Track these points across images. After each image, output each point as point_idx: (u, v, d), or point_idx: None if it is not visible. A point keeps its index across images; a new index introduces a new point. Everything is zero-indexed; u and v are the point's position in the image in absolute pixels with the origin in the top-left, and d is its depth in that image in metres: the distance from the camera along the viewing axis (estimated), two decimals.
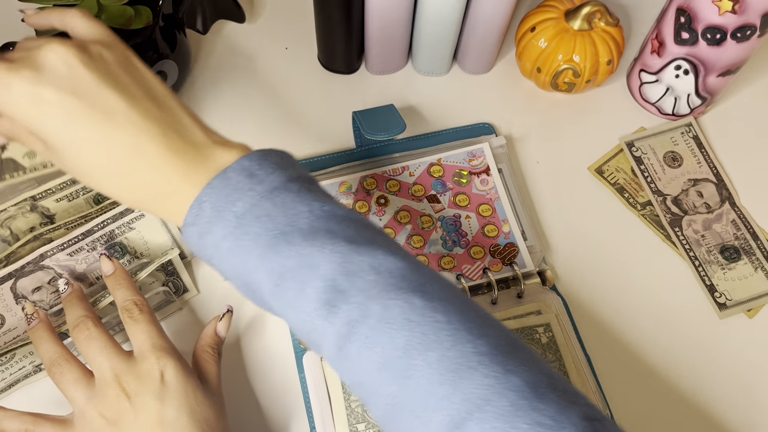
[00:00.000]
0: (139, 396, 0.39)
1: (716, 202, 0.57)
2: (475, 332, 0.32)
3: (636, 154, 0.59)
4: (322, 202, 0.34)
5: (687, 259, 0.55)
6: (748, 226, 0.56)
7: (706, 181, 0.58)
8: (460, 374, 0.30)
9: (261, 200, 0.33)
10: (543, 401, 0.30)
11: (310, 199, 0.34)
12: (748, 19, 0.51)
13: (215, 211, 0.33)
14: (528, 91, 0.64)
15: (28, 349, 0.47)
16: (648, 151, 0.59)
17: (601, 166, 0.59)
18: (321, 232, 0.33)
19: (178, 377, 0.40)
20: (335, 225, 0.33)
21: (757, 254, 0.55)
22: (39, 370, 0.48)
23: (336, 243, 0.33)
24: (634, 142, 0.60)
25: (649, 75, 0.60)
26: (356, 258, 0.32)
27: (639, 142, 0.60)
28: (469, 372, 0.30)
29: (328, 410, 0.47)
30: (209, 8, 0.61)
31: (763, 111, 0.64)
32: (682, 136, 0.61)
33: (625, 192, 0.58)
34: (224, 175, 0.34)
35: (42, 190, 0.50)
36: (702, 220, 0.56)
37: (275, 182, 0.34)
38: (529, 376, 0.31)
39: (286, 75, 0.65)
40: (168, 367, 0.40)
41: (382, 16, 0.57)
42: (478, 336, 0.31)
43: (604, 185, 0.59)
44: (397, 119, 0.56)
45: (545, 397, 0.30)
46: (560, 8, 0.59)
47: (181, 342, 0.51)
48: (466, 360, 0.31)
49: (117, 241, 0.49)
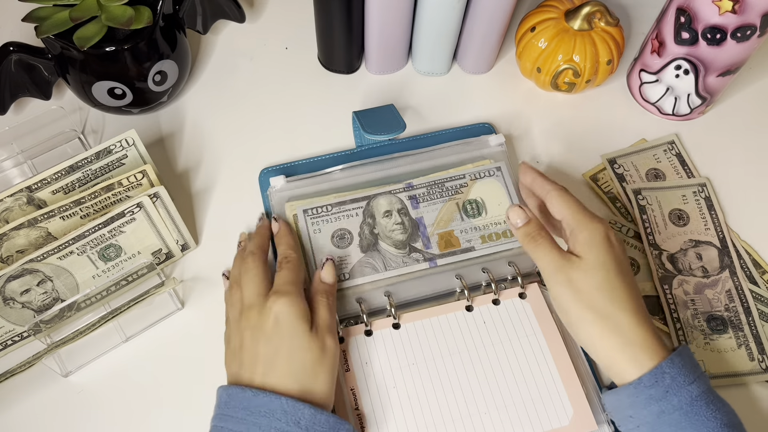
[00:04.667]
0: (256, 329, 0.44)
1: (715, 268, 0.54)
2: None
3: (618, 171, 0.58)
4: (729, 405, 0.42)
5: (669, 317, 0.52)
6: (742, 299, 0.53)
7: (709, 245, 0.55)
8: None
9: (710, 389, 0.41)
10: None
11: (726, 402, 0.42)
12: (748, 19, 0.51)
13: (675, 384, 0.40)
14: (528, 91, 0.64)
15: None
16: (630, 168, 0.59)
17: (596, 174, 0.59)
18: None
19: (288, 319, 0.44)
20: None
21: (744, 330, 0.51)
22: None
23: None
24: (617, 159, 0.59)
25: (649, 75, 0.60)
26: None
27: (621, 159, 0.59)
28: None
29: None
30: (209, 8, 0.61)
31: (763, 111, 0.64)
32: (665, 153, 0.60)
33: (617, 202, 0.58)
34: (681, 354, 0.42)
35: (37, 180, 0.50)
36: (695, 283, 0.53)
37: (706, 384, 0.41)
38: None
39: (286, 75, 0.65)
40: (282, 311, 0.44)
41: (382, 16, 0.57)
42: None
43: (598, 193, 0.58)
44: (397, 119, 0.56)
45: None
46: (560, 8, 0.59)
47: (181, 346, 0.51)
48: None
49: (110, 243, 0.49)
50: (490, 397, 0.47)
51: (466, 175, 0.52)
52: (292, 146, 0.60)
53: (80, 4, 0.51)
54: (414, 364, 0.48)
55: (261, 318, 0.44)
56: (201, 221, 0.56)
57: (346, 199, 0.52)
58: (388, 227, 0.52)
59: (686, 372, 0.41)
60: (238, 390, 0.42)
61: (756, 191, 0.59)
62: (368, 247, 0.51)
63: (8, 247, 0.48)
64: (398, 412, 0.47)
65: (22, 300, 0.48)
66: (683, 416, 0.40)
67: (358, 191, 0.53)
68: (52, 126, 0.58)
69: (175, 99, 0.62)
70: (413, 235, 0.51)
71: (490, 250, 0.52)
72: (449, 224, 0.52)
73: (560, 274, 0.44)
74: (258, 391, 0.41)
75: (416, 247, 0.51)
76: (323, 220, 0.52)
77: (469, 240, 0.52)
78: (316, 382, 0.43)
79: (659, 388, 0.40)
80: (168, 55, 0.56)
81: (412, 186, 0.53)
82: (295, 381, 0.42)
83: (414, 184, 0.53)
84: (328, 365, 0.44)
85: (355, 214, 0.52)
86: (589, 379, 0.49)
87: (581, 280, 0.43)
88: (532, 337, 0.50)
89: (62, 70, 0.55)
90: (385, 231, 0.52)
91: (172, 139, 0.60)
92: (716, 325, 0.52)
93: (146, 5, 0.53)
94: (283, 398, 0.41)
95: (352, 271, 0.50)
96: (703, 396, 0.40)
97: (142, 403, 0.49)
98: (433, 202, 0.52)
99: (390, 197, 0.52)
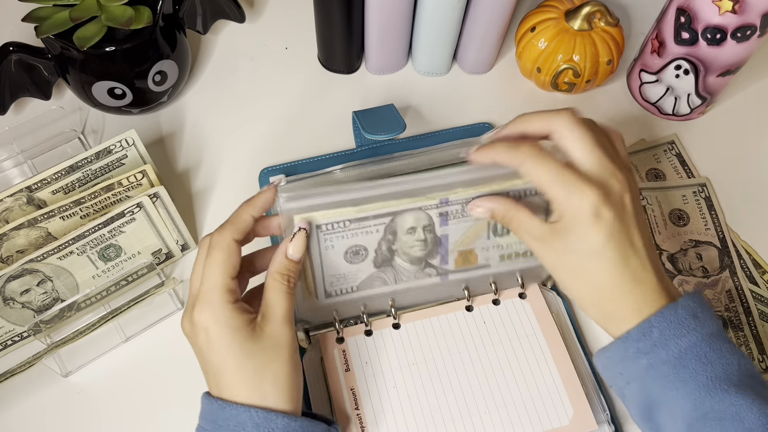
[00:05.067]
0: (192, 341, 0.40)
1: (715, 268, 0.54)
2: None
3: None
4: (743, 357, 0.39)
5: None
6: (743, 300, 0.52)
7: (709, 245, 0.55)
8: None
9: (701, 342, 0.38)
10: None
11: (737, 353, 0.39)
12: (748, 19, 0.51)
13: (663, 337, 0.38)
14: (528, 91, 0.64)
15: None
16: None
17: None
18: (748, 389, 0.37)
19: (218, 335, 0.38)
20: (757, 384, 0.38)
21: (744, 330, 0.51)
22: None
23: (762, 404, 0.36)
24: None
25: (649, 75, 0.60)
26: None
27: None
28: None
29: (328, 411, 0.47)
30: (209, 8, 0.61)
31: (763, 111, 0.64)
32: (665, 153, 0.60)
33: None
34: (674, 308, 0.38)
35: (37, 180, 0.50)
36: (695, 282, 0.53)
37: (713, 328, 0.39)
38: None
39: (286, 75, 0.65)
40: (209, 327, 0.39)
41: (382, 16, 0.57)
42: None
43: None
44: (397, 119, 0.56)
45: None
46: (560, 8, 0.59)
47: (181, 346, 0.51)
48: None
49: (110, 243, 0.49)
50: (490, 396, 0.47)
51: (510, 192, 0.44)
52: (292, 146, 0.60)
53: (80, 4, 0.51)
54: (414, 364, 0.48)
55: (193, 331, 0.39)
56: (201, 221, 0.56)
57: (369, 215, 0.43)
58: (408, 243, 0.45)
59: (677, 325, 0.38)
60: (206, 401, 0.39)
61: (756, 191, 0.59)
62: (382, 263, 0.46)
63: (8, 247, 0.48)
64: (398, 412, 0.47)
65: (22, 300, 0.48)
66: (671, 369, 0.38)
67: (384, 205, 0.43)
68: (52, 126, 0.58)
69: (175, 99, 0.62)
70: (432, 252, 0.47)
71: (505, 268, 0.49)
72: (474, 243, 0.47)
73: (547, 252, 0.41)
74: (224, 403, 0.38)
75: (432, 263, 0.47)
76: (339, 236, 0.44)
77: (487, 258, 0.48)
78: (276, 383, 0.39)
79: (647, 342, 0.38)
80: (168, 55, 0.56)
81: (448, 202, 0.44)
82: (250, 389, 0.38)
83: (450, 199, 0.44)
84: (284, 360, 0.39)
85: (376, 230, 0.44)
86: (589, 379, 0.49)
87: (570, 256, 0.40)
88: (532, 337, 0.50)
89: (62, 70, 0.55)
90: (403, 247, 0.46)
91: (172, 139, 0.60)
92: None
93: (146, 5, 0.53)
94: (252, 410, 0.37)
95: (361, 284, 0.47)
96: (694, 348, 0.38)
97: (142, 403, 0.49)
98: (465, 220, 0.45)
99: (418, 213, 0.44)
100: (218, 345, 0.38)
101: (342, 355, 0.49)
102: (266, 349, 0.39)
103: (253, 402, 0.38)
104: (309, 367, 0.49)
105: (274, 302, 0.40)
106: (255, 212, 0.41)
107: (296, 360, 0.40)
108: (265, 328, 0.39)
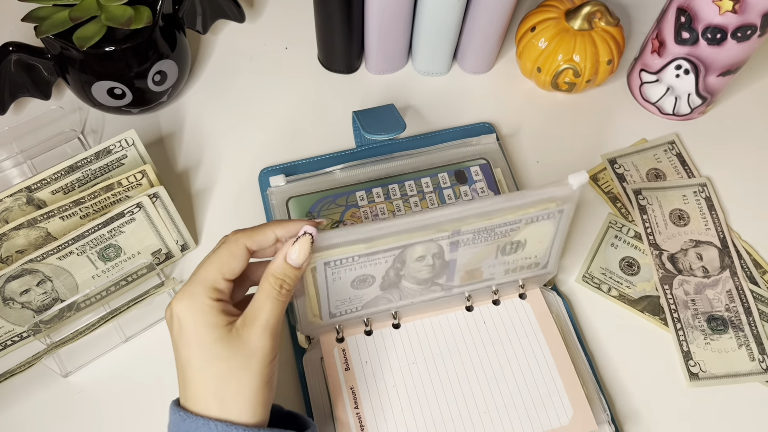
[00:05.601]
0: (170, 333, 0.38)
1: (716, 268, 0.54)
2: None
3: (618, 171, 0.58)
4: None
5: (669, 317, 0.52)
6: (743, 300, 0.52)
7: (710, 245, 0.55)
8: None
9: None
10: None
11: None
12: (748, 18, 0.51)
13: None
14: (528, 91, 0.64)
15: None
16: (630, 168, 0.58)
17: (597, 174, 0.59)
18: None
19: (191, 327, 0.36)
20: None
21: (745, 330, 0.51)
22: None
23: None
24: (617, 159, 0.59)
25: (649, 75, 0.60)
26: None
27: (622, 159, 0.59)
28: None
29: (328, 410, 0.47)
30: (209, 8, 0.61)
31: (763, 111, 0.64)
32: (665, 153, 0.60)
33: (617, 202, 0.58)
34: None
35: (37, 180, 0.50)
36: (696, 283, 0.53)
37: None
38: None
39: (286, 75, 0.65)
40: (184, 317, 0.36)
41: (382, 16, 0.57)
42: None
43: (598, 193, 0.58)
44: (397, 119, 0.56)
45: None
46: (560, 8, 0.59)
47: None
48: None
49: (109, 243, 0.49)
50: (490, 396, 0.47)
51: (522, 219, 0.44)
52: (292, 146, 0.60)
53: (80, 4, 0.51)
54: (414, 363, 0.48)
55: (171, 320, 0.37)
56: (201, 221, 0.56)
57: (379, 249, 0.42)
58: (416, 269, 0.45)
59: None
60: (171, 410, 0.37)
61: (756, 191, 0.59)
62: (389, 287, 0.46)
63: (8, 247, 0.48)
64: (398, 412, 0.47)
65: (22, 300, 0.48)
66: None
67: (396, 240, 0.42)
68: (52, 126, 0.58)
69: (174, 99, 0.62)
70: (439, 273, 0.46)
71: (508, 279, 0.49)
72: (481, 263, 0.47)
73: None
74: (185, 414, 0.35)
75: (438, 282, 0.47)
76: (347, 268, 0.42)
77: (492, 273, 0.48)
78: (239, 393, 0.35)
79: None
80: (168, 55, 0.56)
81: (459, 232, 0.43)
82: (210, 394, 0.35)
83: (462, 230, 0.43)
84: (253, 371, 0.36)
85: (384, 261, 0.43)
86: (590, 379, 0.49)
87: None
88: (532, 337, 0.49)
89: (62, 70, 0.55)
90: (411, 272, 0.45)
91: (171, 139, 0.60)
92: (717, 325, 0.52)
93: (146, 5, 0.53)
94: (212, 422, 0.34)
95: (366, 304, 0.47)
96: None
97: (142, 403, 0.49)
98: (475, 246, 0.45)
99: (429, 243, 0.43)
100: (188, 339, 0.36)
101: (342, 354, 0.49)
102: (236, 355, 0.35)
103: (212, 411, 0.35)
104: (309, 367, 0.49)
105: (259, 307, 0.37)
106: (280, 233, 0.39)
107: (269, 374, 0.36)
108: (241, 332, 0.36)
